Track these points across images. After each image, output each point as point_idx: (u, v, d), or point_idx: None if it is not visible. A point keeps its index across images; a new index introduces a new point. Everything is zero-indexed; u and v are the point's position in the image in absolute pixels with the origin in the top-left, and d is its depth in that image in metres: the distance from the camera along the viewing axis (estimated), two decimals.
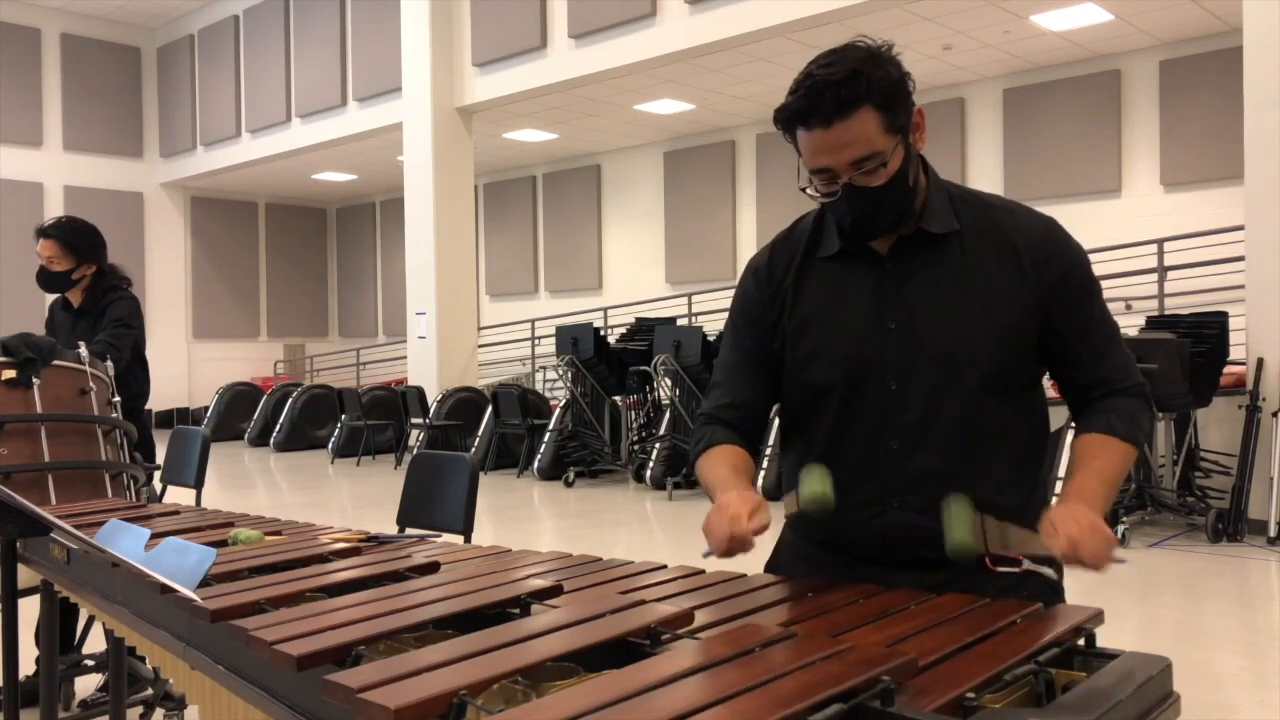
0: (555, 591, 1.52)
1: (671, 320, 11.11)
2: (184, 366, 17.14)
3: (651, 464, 9.19)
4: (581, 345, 9.76)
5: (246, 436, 14.45)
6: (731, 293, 1.81)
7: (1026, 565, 1.45)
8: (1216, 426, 6.83)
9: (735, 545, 1.46)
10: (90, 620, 3.45)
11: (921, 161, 1.62)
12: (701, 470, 1.69)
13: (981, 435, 1.59)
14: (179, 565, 1.63)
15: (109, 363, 3.32)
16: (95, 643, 3.51)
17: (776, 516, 1.52)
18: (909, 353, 1.58)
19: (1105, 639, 1.29)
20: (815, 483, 1.48)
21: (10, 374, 3.00)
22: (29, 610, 2.56)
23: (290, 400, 13.75)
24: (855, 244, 1.63)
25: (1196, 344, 6.43)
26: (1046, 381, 1.71)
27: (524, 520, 8.02)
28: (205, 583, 1.62)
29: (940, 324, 1.57)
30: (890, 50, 1.53)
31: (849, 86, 1.46)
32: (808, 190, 1.59)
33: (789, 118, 1.52)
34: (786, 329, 1.68)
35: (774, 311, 1.69)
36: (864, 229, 1.58)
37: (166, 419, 15.46)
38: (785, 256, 1.71)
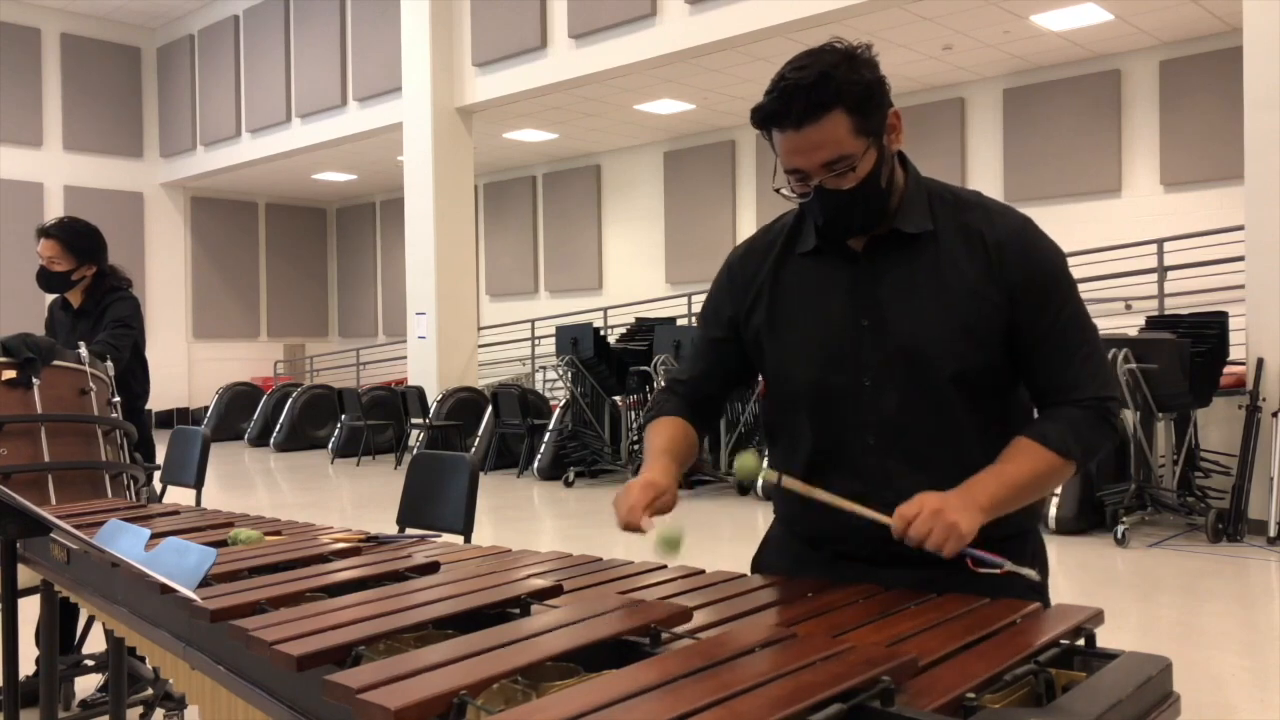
0: (555, 591, 1.53)
1: (671, 320, 11.11)
2: (184, 366, 17.14)
3: None
4: (581, 345, 9.76)
5: (246, 436, 14.45)
6: None
7: (1008, 567, 1.45)
8: (1216, 426, 6.83)
9: (627, 528, 1.55)
10: (90, 620, 3.45)
11: (901, 160, 1.62)
12: (645, 435, 1.78)
13: (958, 434, 1.59)
14: (179, 565, 1.63)
15: (109, 363, 3.32)
16: (95, 643, 3.51)
17: (764, 510, 1.52)
18: (881, 350, 1.59)
19: (1105, 639, 1.29)
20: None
21: (10, 374, 3.00)
22: (29, 610, 2.56)
23: (290, 400, 13.74)
24: (830, 242, 1.64)
25: (1196, 344, 6.43)
26: None
27: (524, 520, 8.02)
28: (205, 583, 1.62)
29: (910, 322, 1.58)
30: (868, 52, 1.53)
31: (819, 90, 1.47)
32: (782, 190, 1.60)
33: (763, 119, 1.54)
34: (763, 325, 1.70)
35: (745, 305, 1.73)
36: (836, 229, 1.59)
37: (166, 419, 15.45)
38: (761, 251, 1.73)
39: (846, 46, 1.53)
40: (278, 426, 13.68)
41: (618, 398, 10.02)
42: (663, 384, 1.89)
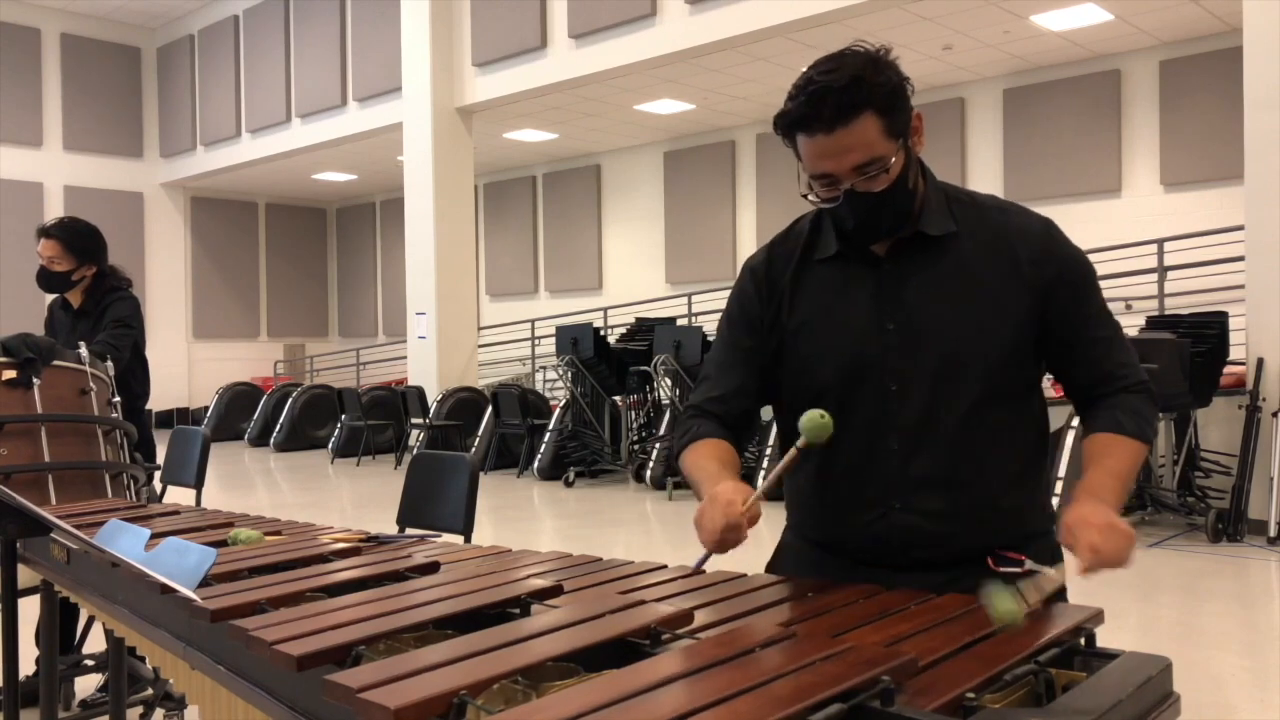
0: (555, 591, 1.52)
1: (671, 320, 11.11)
2: (184, 366, 17.14)
3: (651, 464, 9.19)
4: (581, 345, 9.76)
5: (246, 436, 14.45)
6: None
7: (1029, 566, 1.45)
8: (1216, 426, 6.83)
9: (729, 534, 1.45)
10: (90, 620, 3.45)
11: (919, 164, 1.62)
12: (686, 463, 1.68)
13: (981, 436, 1.58)
14: (179, 565, 1.63)
15: (109, 363, 3.32)
16: (95, 643, 3.51)
17: (767, 514, 1.53)
18: (908, 354, 1.58)
19: (1105, 639, 1.29)
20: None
21: (10, 374, 2.99)
22: (29, 610, 2.56)
23: (290, 400, 13.74)
24: (854, 247, 1.63)
25: (1196, 344, 6.43)
26: (1046, 381, 1.71)
27: (524, 520, 8.02)
28: (205, 583, 1.62)
29: (939, 325, 1.58)
30: (889, 55, 1.53)
31: (851, 92, 1.47)
32: (809, 196, 1.59)
33: (790, 124, 1.52)
34: (785, 330, 1.68)
35: (771, 311, 1.70)
36: (866, 233, 1.58)
37: (166, 419, 15.45)
38: (783, 258, 1.71)
39: (869, 50, 1.52)
40: (278, 426, 13.68)
41: (618, 398, 10.02)
42: (690, 407, 1.76)
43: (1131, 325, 7.69)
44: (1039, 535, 1.65)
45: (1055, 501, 6.53)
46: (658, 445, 9.27)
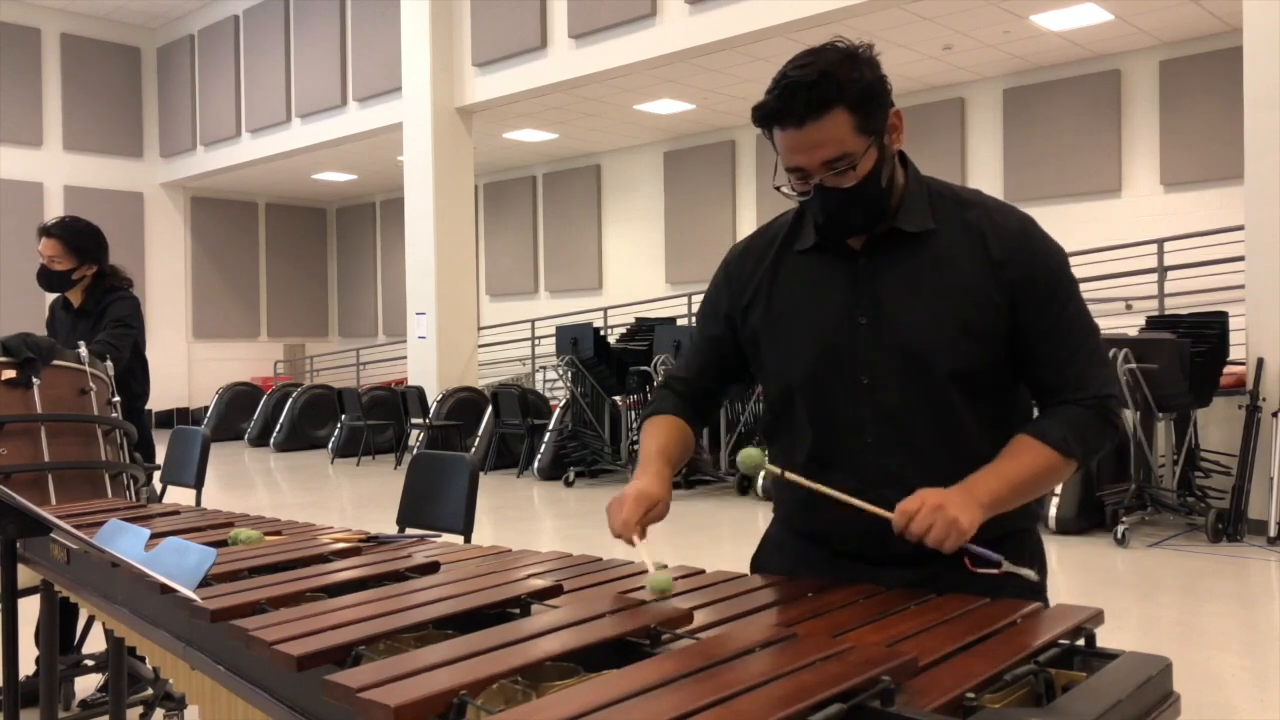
0: (555, 591, 1.52)
1: (671, 320, 11.11)
2: (184, 366, 17.14)
3: None
4: (581, 345, 9.76)
5: (246, 436, 14.45)
6: None
7: (1006, 566, 1.45)
8: (1216, 426, 6.83)
9: (622, 535, 1.57)
10: (90, 620, 3.45)
11: (901, 159, 1.62)
12: (642, 434, 1.80)
13: (956, 433, 1.59)
14: (179, 565, 1.63)
15: (109, 363, 3.32)
16: (95, 643, 3.51)
17: (761, 509, 1.53)
18: (879, 348, 1.59)
19: (1105, 639, 1.29)
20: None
21: (10, 374, 3.00)
22: (29, 610, 2.56)
23: (290, 400, 13.74)
24: (830, 240, 1.64)
25: (1196, 344, 6.43)
26: None
27: (524, 520, 8.02)
28: (205, 583, 1.62)
29: (909, 319, 1.58)
30: (869, 51, 1.54)
31: (821, 88, 1.48)
32: (782, 189, 1.60)
33: (764, 117, 1.54)
34: (760, 322, 1.70)
35: (742, 302, 1.73)
36: (836, 228, 1.59)
37: (166, 419, 15.45)
38: (760, 249, 1.73)
39: (848, 46, 1.53)
40: (278, 426, 13.68)
41: (618, 398, 10.02)
42: (665, 377, 1.90)
43: (1131, 325, 7.70)
44: (1016, 533, 1.64)
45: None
46: None
